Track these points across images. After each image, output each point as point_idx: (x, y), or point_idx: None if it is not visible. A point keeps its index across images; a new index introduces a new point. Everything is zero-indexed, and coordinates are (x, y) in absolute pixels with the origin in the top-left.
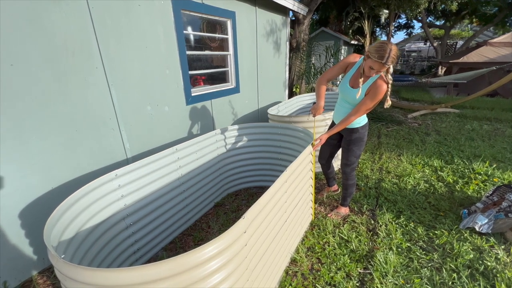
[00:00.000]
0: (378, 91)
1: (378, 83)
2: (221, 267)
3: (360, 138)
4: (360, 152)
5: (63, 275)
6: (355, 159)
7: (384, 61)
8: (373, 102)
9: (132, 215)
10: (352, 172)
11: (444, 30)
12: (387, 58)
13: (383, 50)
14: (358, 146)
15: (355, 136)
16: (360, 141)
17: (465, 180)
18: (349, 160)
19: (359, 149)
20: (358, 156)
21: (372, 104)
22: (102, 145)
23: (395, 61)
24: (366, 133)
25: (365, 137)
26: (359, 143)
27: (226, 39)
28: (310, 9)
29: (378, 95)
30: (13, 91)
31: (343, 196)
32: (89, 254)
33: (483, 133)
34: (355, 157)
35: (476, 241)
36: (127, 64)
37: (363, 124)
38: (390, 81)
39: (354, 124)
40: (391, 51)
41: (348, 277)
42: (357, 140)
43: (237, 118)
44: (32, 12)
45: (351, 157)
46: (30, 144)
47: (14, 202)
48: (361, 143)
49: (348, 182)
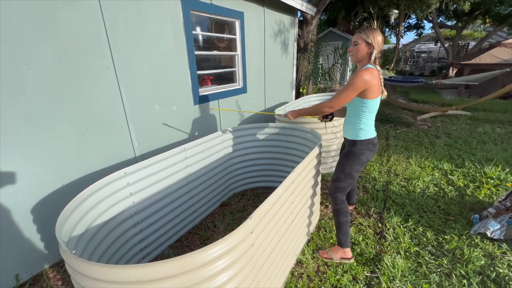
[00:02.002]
0: (353, 76)
1: (358, 72)
2: (228, 267)
3: (355, 154)
4: (352, 172)
5: (74, 270)
6: (342, 176)
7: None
8: (345, 87)
9: (140, 213)
10: (336, 194)
11: (455, 30)
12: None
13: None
14: (350, 162)
15: (351, 149)
16: (354, 157)
17: (476, 184)
18: (335, 175)
19: (350, 166)
20: (347, 175)
21: (345, 91)
22: (111, 143)
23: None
24: (366, 152)
25: (362, 155)
26: (352, 159)
27: (234, 39)
28: (318, 9)
29: (350, 80)
30: (28, 89)
31: (336, 232)
32: (98, 250)
33: (495, 136)
34: (343, 173)
35: (488, 247)
36: (136, 63)
37: (362, 138)
38: (378, 70)
39: (353, 135)
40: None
41: (354, 280)
42: (351, 155)
43: (244, 118)
44: (46, 12)
45: (338, 172)
46: (43, 141)
47: (27, 198)
48: (355, 160)
49: (334, 208)
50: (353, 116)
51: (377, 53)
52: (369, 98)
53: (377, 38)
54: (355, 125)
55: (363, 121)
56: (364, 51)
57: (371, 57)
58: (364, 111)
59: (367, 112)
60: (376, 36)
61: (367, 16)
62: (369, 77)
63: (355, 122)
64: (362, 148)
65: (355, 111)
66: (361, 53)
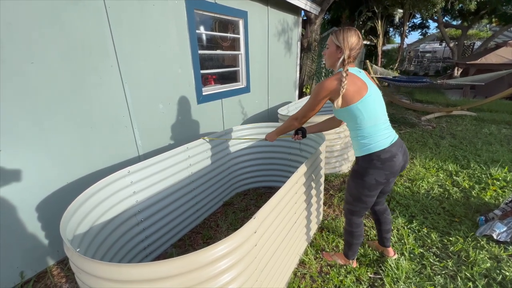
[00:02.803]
0: (316, 85)
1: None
2: (231, 267)
3: (358, 174)
4: (360, 196)
5: (78, 268)
6: (351, 199)
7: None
8: (309, 99)
9: (143, 212)
10: (349, 216)
11: (461, 30)
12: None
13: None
14: (355, 182)
15: (354, 167)
16: (357, 178)
17: (482, 185)
18: (346, 197)
19: (355, 187)
20: (355, 197)
21: (308, 101)
22: (115, 142)
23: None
24: (371, 171)
25: (367, 175)
26: (356, 179)
27: (238, 38)
28: (322, 9)
29: (313, 89)
30: (33, 88)
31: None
32: (101, 249)
33: (501, 137)
34: (351, 196)
35: (494, 249)
36: (140, 63)
37: (365, 153)
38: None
39: (355, 150)
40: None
41: (357, 281)
42: (354, 174)
43: (247, 118)
44: (51, 12)
45: (346, 193)
46: (48, 139)
47: (32, 196)
48: (358, 182)
49: (346, 227)
50: (350, 130)
51: (347, 57)
52: (351, 104)
53: (349, 39)
54: (354, 139)
55: (360, 133)
56: (333, 55)
57: (343, 63)
58: (354, 120)
59: (358, 120)
60: (347, 38)
61: (371, 15)
62: (332, 83)
63: (352, 135)
64: (365, 167)
65: (348, 122)
66: (331, 58)
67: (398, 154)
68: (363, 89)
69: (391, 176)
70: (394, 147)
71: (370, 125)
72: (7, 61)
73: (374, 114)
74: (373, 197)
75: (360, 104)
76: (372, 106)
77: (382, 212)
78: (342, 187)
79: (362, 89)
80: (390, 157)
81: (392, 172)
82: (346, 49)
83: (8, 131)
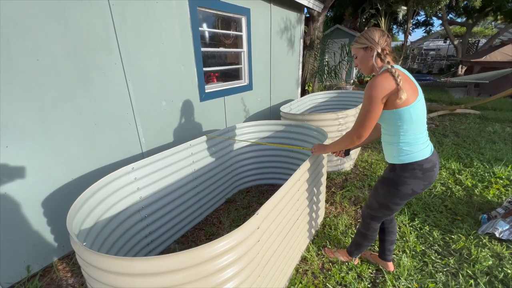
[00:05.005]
0: (366, 88)
1: (371, 81)
2: (234, 262)
3: (393, 183)
4: (389, 204)
5: (85, 262)
6: (376, 205)
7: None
8: (363, 106)
9: (147, 208)
10: (368, 220)
11: (465, 27)
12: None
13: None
14: (386, 189)
15: (388, 175)
16: (391, 186)
17: (485, 184)
18: (369, 202)
19: (384, 195)
20: (382, 205)
21: (365, 110)
22: (119, 139)
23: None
24: (409, 181)
25: (403, 185)
26: (388, 187)
27: (240, 36)
28: (325, 6)
29: (364, 94)
30: (39, 85)
31: (351, 241)
32: (106, 244)
33: (505, 136)
34: (378, 202)
35: (496, 247)
36: (144, 60)
37: (404, 162)
38: (392, 70)
39: (391, 157)
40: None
41: (359, 278)
42: (387, 182)
43: (249, 115)
44: (56, 9)
45: (371, 199)
46: (54, 136)
47: (39, 192)
48: (392, 191)
49: (361, 230)
50: (388, 134)
51: (381, 50)
52: (400, 107)
53: (372, 36)
54: (393, 145)
55: (402, 139)
56: (366, 58)
57: (381, 59)
58: (399, 124)
59: (404, 125)
60: (370, 35)
61: (375, 13)
62: (385, 80)
63: (391, 141)
64: (405, 176)
65: (388, 126)
66: (365, 62)
67: (437, 163)
68: (415, 91)
69: (428, 186)
70: (434, 157)
71: (415, 131)
72: (14, 59)
73: (422, 119)
74: (402, 205)
75: (412, 107)
76: (421, 111)
77: (390, 221)
78: (344, 185)
79: (415, 90)
80: (432, 167)
81: (430, 182)
82: (374, 44)
83: (14, 128)
